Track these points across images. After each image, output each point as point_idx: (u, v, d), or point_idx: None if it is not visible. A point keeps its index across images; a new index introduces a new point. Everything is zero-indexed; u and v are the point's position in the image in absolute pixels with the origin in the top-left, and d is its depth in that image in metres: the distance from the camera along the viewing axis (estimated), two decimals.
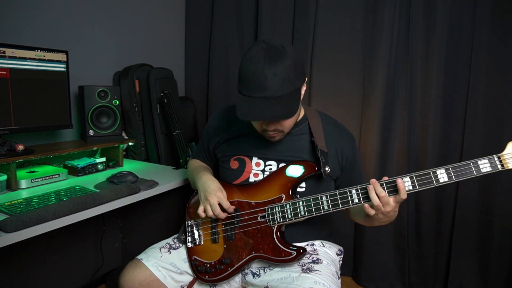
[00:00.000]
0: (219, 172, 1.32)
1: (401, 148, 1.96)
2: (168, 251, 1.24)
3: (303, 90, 1.12)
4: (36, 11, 1.67)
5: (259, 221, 1.14)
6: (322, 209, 1.08)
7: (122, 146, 1.82)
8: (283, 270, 1.13)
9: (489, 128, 1.79)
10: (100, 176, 1.61)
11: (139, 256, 1.22)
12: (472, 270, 1.90)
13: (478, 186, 1.84)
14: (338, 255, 1.27)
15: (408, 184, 1.00)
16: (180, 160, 1.85)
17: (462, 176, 0.98)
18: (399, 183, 0.98)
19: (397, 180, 0.99)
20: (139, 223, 1.86)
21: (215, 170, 1.38)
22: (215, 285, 1.20)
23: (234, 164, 1.24)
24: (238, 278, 1.21)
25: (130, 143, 1.96)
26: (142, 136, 2.05)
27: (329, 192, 1.08)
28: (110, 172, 1.61)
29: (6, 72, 1.41)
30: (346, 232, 2.10)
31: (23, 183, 1.40)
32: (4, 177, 1.36)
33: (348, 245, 2.10)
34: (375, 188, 1.00)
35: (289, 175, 1.15)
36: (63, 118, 1.64)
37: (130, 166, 1.82)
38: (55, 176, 1.50)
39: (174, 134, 1.93)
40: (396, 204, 1.01)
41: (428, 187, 1.00)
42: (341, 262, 1.29)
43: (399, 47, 1.93)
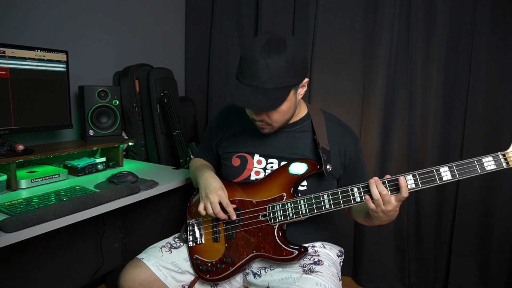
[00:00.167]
0: (221, 170, 1.32)
1: (401, 148, 1.96)
2: (169, 250, 1.24)
3: (302, 90, 1.11)
4: (36, 11, 1.67)
5: (260, 220, 1.14)
6: (324, 207, 1.07)
7: (122, 146, 1.82)
8: (284, 271, 1.13)
9: (489, 128, 1.79)
10: (100, 176, 1.60)
11: (139, 256, 1.21)
12: (472, 272, 1.90)
13: (478, 188, 1.84)
14: (339, 256, 1.27)
15: (410, 182, 0.98)
16: (180, 160, 1.85)
17: (466, 174, 0.96)
18: (401, 181, 0.97)
19: (399, 178, 0.98)
20: (139, 223, 1.86)
21: (217, 168, 1.38)
22: (216, 284, 1.20)
23: (236, 161, 1.24)
24: (239, 278, 1.21)
25: (130, 143, 1.96)
26: (142, 136, 2.05)
27: (330, 190, 1.07)
28: (110, 172, 1.61)
29: (6, 72, 1.41)
30: (346, 232, 2.10)
31: (23, 183, 1.40)
32: (4, 177, 1.36)
33: (348, 245, 2.10)
34: (377, 186, 0.99)
35: (291, 173, 1.15)
36: (63, 118, 1.64)
37: (130, 166, 1.82)
38: (55, 176, 1.50)
39: (174, 134, 1.93)
40: (397, 203, 1.00)
41: (431, 185, 0.98)
42: (341, 263, 1.28)
43: (399, 47, 1.93)
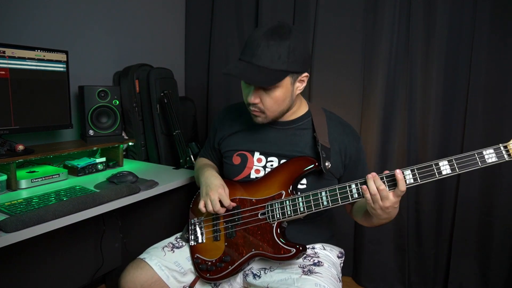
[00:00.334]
0: (223, 169, 1.32)
1: (401, 148, 1.97)
2: (171, 250, 1.24)
3: (301, 85, 1.12)
4: (36, 11, 1.67)
5: (259, 218, 1.14)
6: (322, 204, 1.05)
7: (122, 146, 1.82)
8: (284, 272, 1.13)
9: (489, 128, 1.79)
10: (100, 176, 1.60)
11: (141, 256, 1.21)
12: (472, 271, 1.90)
13: (478, 186, 1.84)
14: (339, 257, 1.27)
15: (409, 177, 0.96)
16: (180, 160, 1.85)
17: (466, 168, 0.93)
18: (397, 174, 0.95)
19: (395, 171, 0.96)
20: (139, 223, 1.86)
21: (220, 167, 1.39)
22: (217, 284, 1.20)
23: (237, 159, 1.24)
24: (239, 279, 1.21)
25: (130, 143, 1.96)
26: (142, 136, 2.05)
27: (328, 187, 1.06)
28: (110, 172, 1.61)
29: (6, 72, 1.41)
30: (346, 232, 2.10)
31: (23, 183, 1.40)
32: (4, 177, 1.36)
33: (348, 245, 2.11)
34: (375, 181, 0.97)
35: (289, 170, 1.15)
36: (63, 118, 1.64)
37: (130, 166, 1.82)
38: (55, 176, 1.50)
39: (174, 134, 1.93)
40: (395, 200, 0.98)
41: (430, 180, 0.95)
42: (342, 264, 1.28)
43: (399, 47, 1.93)
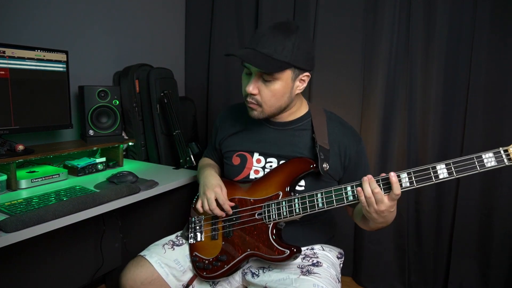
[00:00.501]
0: (223, 169, 1.33)
1: (401, 148, 1.97)
2: (172, 247, 1.24)
3: (301, 85, 1.12)
4: (36, 11, 1.67)
5: (256, 218, 1.14)
6: (317, 206, 1.05)
7: (122, 146, 1.81)
8: (282, 272, 1.13)
9: (489, 128, 1.79)
10: (100, 176, 1.60)
11: (142, 253, 1.22)
12: (472, 271, 1.90)
13: (478, 187, 1.84)
14: (339, 258, 1.27)
15: (405, 180, 0.94)
16: (180, 160, 1.85)
17: (464, 172, 0.90)
18: (391, 177, 0.93)
19: (389, 174, 0.94)
20: (139, 223, 1.86)
21: (222, 167, 1.39)
22: (215, 282, 1.20)
23: (236, 160, 1.25)
24: (238, 277, 1.21)
25: (130, 143, 1.96)
26: (142, 136, 2.05)
27: (324, 189, 1.05)
28: (110, 172, 1.61)
29: (6, 72, 1.41)
30: (346, 232, 2.10)
31: (23, 183, 1.40)
32: (4, 177, 1.36)
33: (348, 245, 2.11)
34: (370, 183, 0.96)
35: (287, 171, 1.15)
36: (63, 118, 1.64)
37: (130, 166, 1.82)
38: (55, 176, 1.50)
39: (174, 134, 1.93)
40: (391, 204, 0.96)
41: (427, 184, 0.93)
42: (341, 265, 1.28)
43: (399, 47, 1.93)
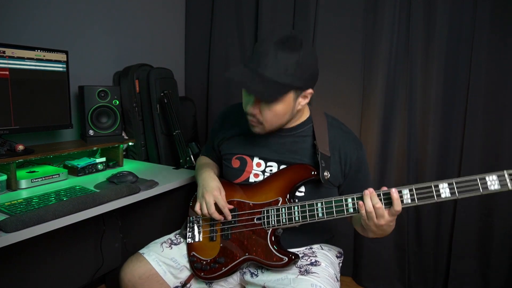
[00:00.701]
0: (223, 170, 1.32)
1: (401, 148, 1.97)
2: (170, 246, 1.25)
3: (303, 101, 1.09)
4: (36, 11, 1.67)
5: (255, 223, 1.14)
6: (317, 216, 1.05)
7: (122, 146, 1.82)
8: (281, 271, 1.13)
9: (489, 128, 1.79)
10: (100, 176, 1.60)
11: (141, 250, 1.24)
12: (472, 271, 1.89)
13: None
14: (338, 257, 1.27)
15: (407, 196, 0.95)
16: (180, 160, 1.85)
17: (467, 193, 0.90)
18: (393, 193, 0.94)
19: (391, 190, 0.95)
20: (139, 223, 1.86)
21: (221, 167, 1.38)
22: (211, 282, 1.20)
23: (236, 163, 1.24)
24: (236, 277, 1.21)
25: (130, 143, 1.96)
26: (142, 136, 2.05)
27: (324, 199, 1.05)
28: (110, 172, 1.61)
29: (6, 72, 1.41)
30: (346, 232, 2.09)
31: (23, 183, 1.40)
32: (4, 177, 1.36)
33: (348, 245, 2.11)
34: (372, 198, 0.97)
35: (288, 177, 1.14)
36: (63, 118, 1.64)
37: (130, 166, 1.82)
38: (55, 176, 1.50)
39: (174, 134, 1.93)
40: (391, 219, 0.97)
41: (428, 202, 0.94)
42: (341, 264, 1.28)
43: (399, 47, 1.93)
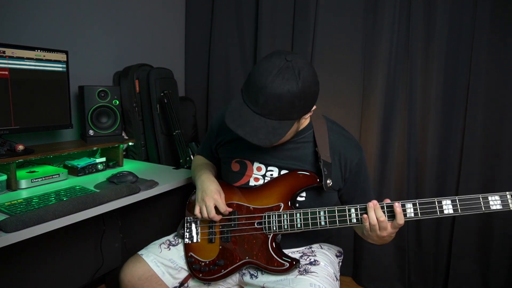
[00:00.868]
0: (221, 172, 1.31)
1: (401, 148, 1.96)
2: (168, 247, 1.25)
3: (307, 115, 1.08)
4: (36, 11, 1.67)
5: (255, 227, 1.14)
6: (319, 224, 1.06)
7: (122, 146, 1.82)
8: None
9: (489, 128, 1.79)
10: (100, 176, 1.60)
11: (140, 252, 1.24)
12: (472, 271, 1.89)
13: (478, 187, 1.84)
14: (338, 256, 1.27)
15: (410, 210, 0.97)
16: (180, 160, 1.85)
17: (469, 211, 0.93)
18: (396, 207, 0.96)
19: (394, 204, 0.97)
20: (139, 223, 1.86)
21: (218, 167, 1.38)
22: (209, 283, 1.20)
23: (236, 166, 1.23)
24: (235, 278, 1.21)
25: (130, 143, 1.96)
26: (142, 136, 2.05)
27: (328, 208, 1.06)
28: (110, 172, 1.61)
29: (6, 72, 1.41)
30: (346, 232, 2.09)
31: (23, 183, 1.40)
32: (4, 177, 1.36)
33: (348, 245, 2.11)
34: (376, 211, 0.98)
35: (290, 183, 1.13)
36: (63, 118, 1.64)
37: (130, 166, 1.82)
38: (55, 176, 1.50)
39: (174, 134, 1.93)
40: (393, 230, 0.99)
41: (430, 217, 0.96)
42: (340, 263, 1.28)
43: (399, 47, 1.93)
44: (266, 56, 1.00)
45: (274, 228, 1.11)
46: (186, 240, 1.23)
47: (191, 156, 1.85)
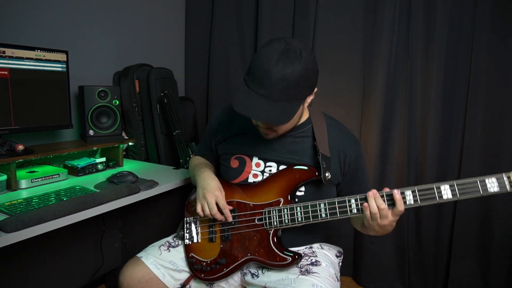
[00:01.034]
0: (220, 170, 1.32)
1: (401, 148, 1.97)
2: (167, 249, 1.24)
3: (310, 99, 1.10)
4: (36, 11, 1.67)
5: (256, 223, 1.14)
6: (320, 216, 1.06)
7: (122, 146, 1.82)
8: (281, 271, 1.13)
9: (489, 128, 1.79)
10: (100, 176, 1.60)
11: (139, 254, 1.23)
12: (472, 271, 1.89)
13: None
14: (338, 257, 1.27)
15: (409, 197, 0.98)
16: (180, 160, 1.86)
17: (467, 194, 0.94)
18: (395, 194, 0.97)
19: (393, 191, 0.98)
20: (139, 223, 1.86)
21: (217, 167, 1.38)
22: (212, 283, 1.20)
23: (235, 163, 1.23)
24: (237, 277, 1.21)
25: (130, 143, 1.96)
26: (142, 136, 2.05)
27: (328, 199, 1.06)
28: (110, 172, 1.61)
29: (6, 72, 1.41)
30: (346, 232, 2.10)
31: (23, 183, 1.40)
32: (4, 177, 1.36)
33: (348, 245, 2.11)
34: (376, 199, 0.99)
35: (289, 178, 1.14)
36: (63, 118, 1.64)
37: (130, 166, 1.82)
38: (55, 176, 1.50)
39: (174, 134, 1.93)
40: (394, 219, 1.00)
41: (430, 203, 0.97)
42: (340, 264, 1.28)
43: (399, 47, 1.93)
44: (265, 44, 1.04)
45: (275, 223, 1.11)
46: (186, 241, 1.23)
47: (191, 156, 1.85)
